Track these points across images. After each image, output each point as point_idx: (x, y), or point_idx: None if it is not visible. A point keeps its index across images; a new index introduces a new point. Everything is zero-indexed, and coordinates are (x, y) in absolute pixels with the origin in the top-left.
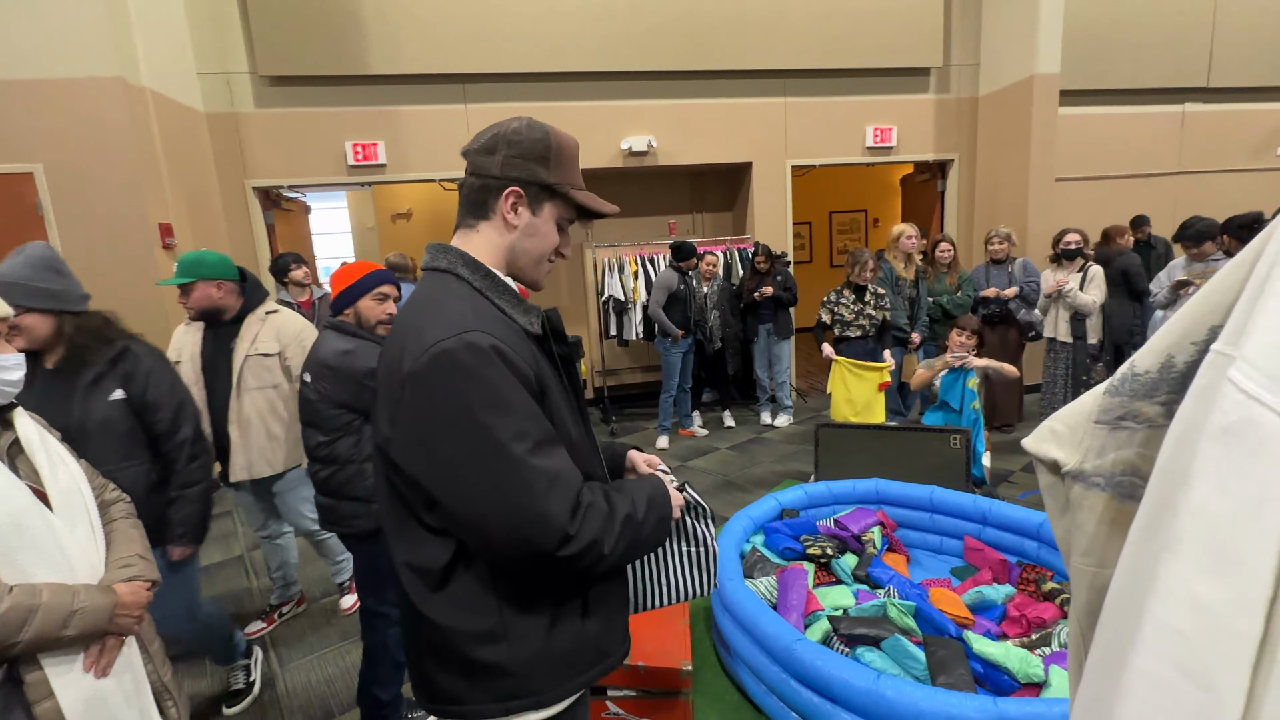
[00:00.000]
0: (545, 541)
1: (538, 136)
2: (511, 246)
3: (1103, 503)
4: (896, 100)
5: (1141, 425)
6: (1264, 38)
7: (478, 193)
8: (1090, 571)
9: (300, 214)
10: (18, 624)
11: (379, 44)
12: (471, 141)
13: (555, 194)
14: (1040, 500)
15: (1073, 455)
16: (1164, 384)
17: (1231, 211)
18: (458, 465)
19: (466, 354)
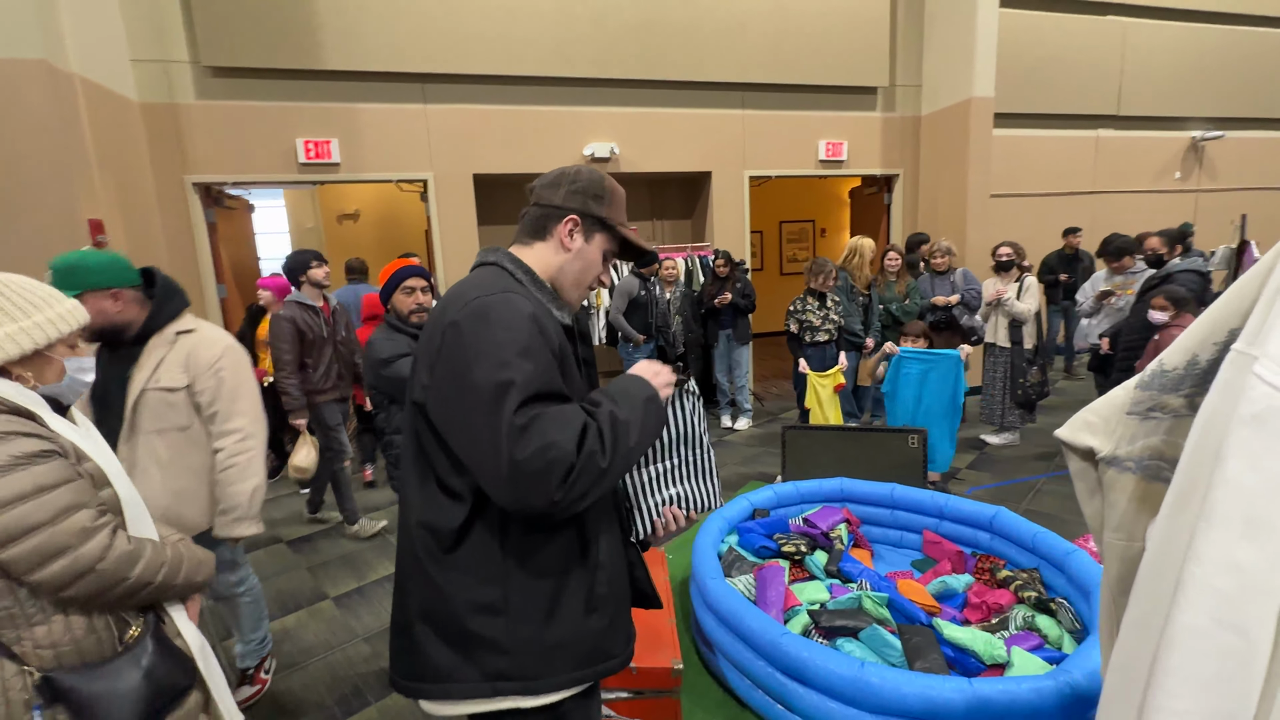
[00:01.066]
0: (547, 481)
1: (596, 178)
2: (561, 266)
3: (1133, 483)
4: (847, 116)
5: (1167, 415)
6: (1165, 73)
7: (539, 219)
8: (1121, 545)
9: (243, 212)
10: (177, 565)
11: (334, 38)
12: (540, 180)
13: (606, 227)
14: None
15: (1107, 443)
16: (1188, 379)
17: (1139, 227)
18: (471, 407)
19: (504, 306)
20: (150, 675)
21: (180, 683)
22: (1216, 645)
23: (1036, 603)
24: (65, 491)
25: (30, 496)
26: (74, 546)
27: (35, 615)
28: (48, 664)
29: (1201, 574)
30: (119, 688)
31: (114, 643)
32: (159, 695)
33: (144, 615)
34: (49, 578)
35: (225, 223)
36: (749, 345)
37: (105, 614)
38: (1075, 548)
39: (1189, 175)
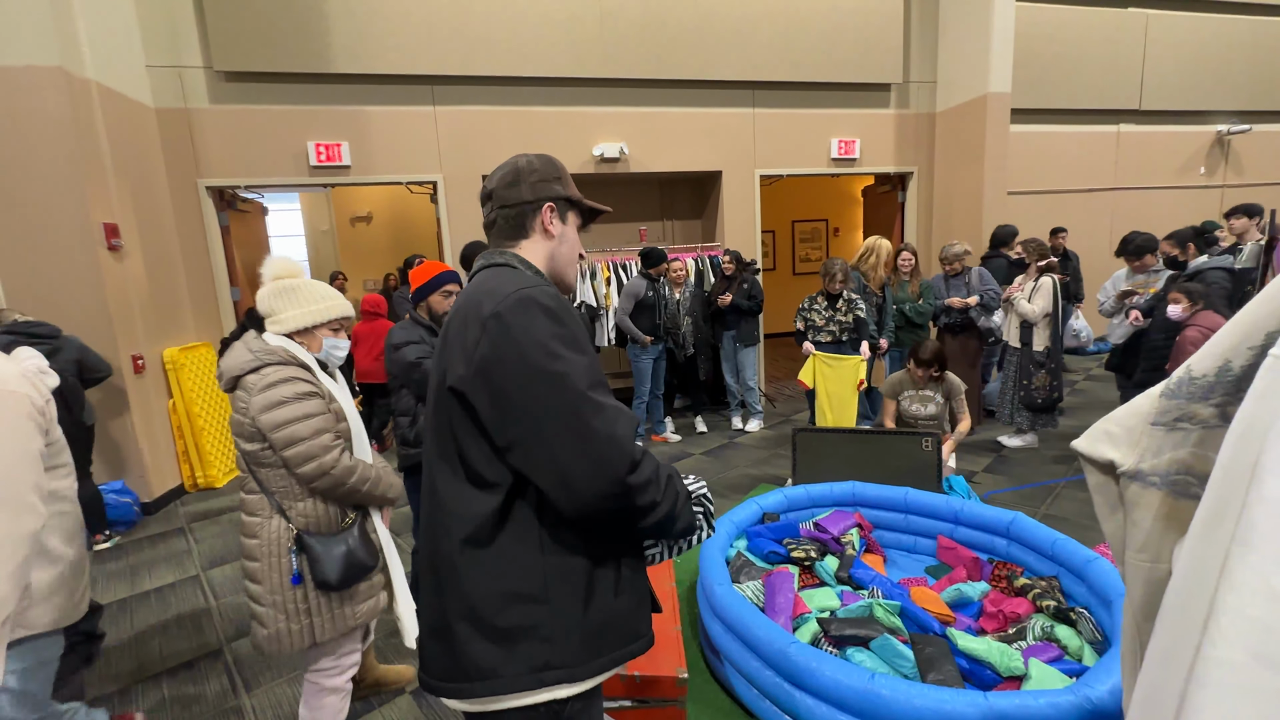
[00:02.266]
0: (618, 464)
1: (547, 162)
2: (552, 254)
3: (1159, 500)
4: (859, 114)
5: (1196, 426)
6: (1187, 66)
7: (514, 219)
8: (1146, 567)
9: (256, 215)
10: (377, 483)
11: (344, 42)
12: (488, 182)
13: (572, 204)
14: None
15: (1129, 456)
16: (1219, 387)
17: (1162, 225)
18: (534, 395)
19: (547, 298)
20: (350, 550)
21: (367, 562)
22: (1254, 683)
23: (1055, 612)
24: (320, 420)
25: (301, 420)
26: (319, 456)
27: (298, 495)
28: (300, 526)
29: (1237, 603)
30: (333, 551)
31: (336, 524)
32: (353, 565)
33: (356, 511)
34: (304, 474)
35: (239, 226)
36: (757, 346)
37: (334, 504)
38: (1096, 555)
39: (1214, 170)
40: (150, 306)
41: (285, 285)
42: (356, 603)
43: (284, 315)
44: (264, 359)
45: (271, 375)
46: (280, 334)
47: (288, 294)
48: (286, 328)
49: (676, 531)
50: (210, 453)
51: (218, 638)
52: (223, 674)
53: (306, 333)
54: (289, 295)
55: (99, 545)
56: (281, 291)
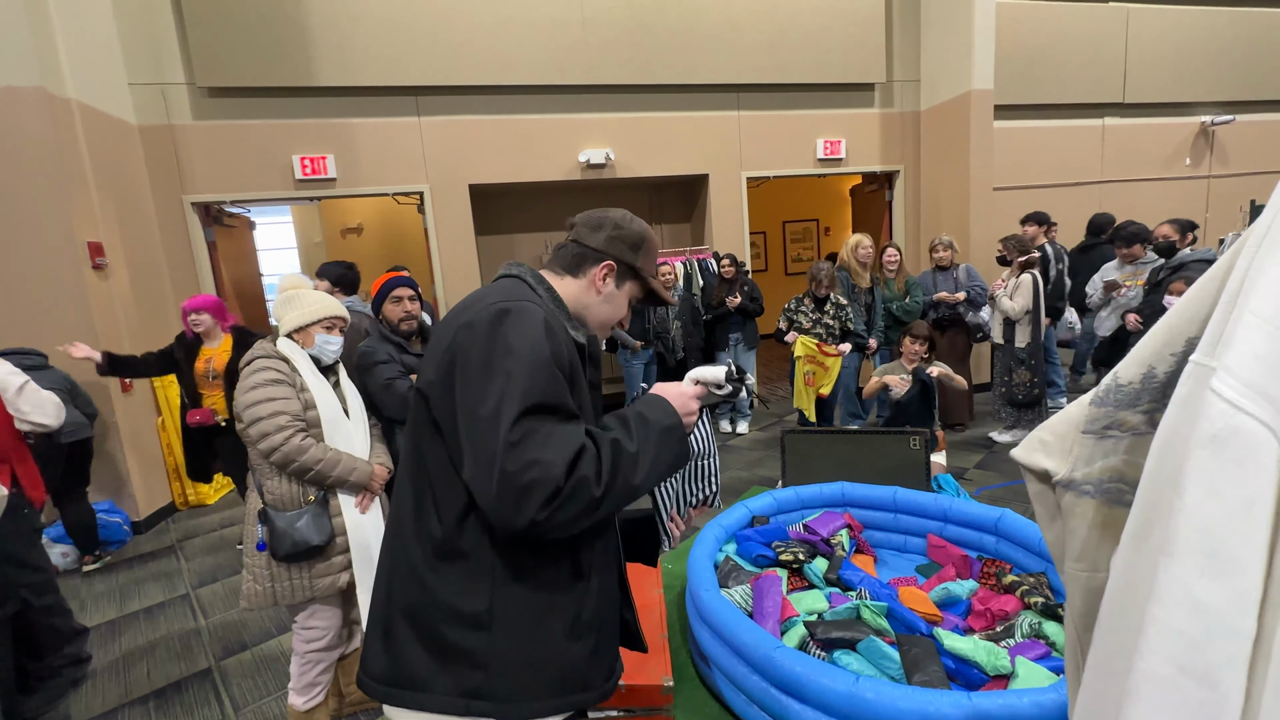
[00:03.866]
0: (527, 502)
1: (638, 229)
2: (589, 306)
3: (1093, 509)
4: (844, 114)
5: (1126, 434)
6: (1170, 58)
7: (576, 257)
8: (1084, 576)
9: (244, 230)
10: (332, 465)
11: (326, 54)
12: (582, 217)
13: (638, 277)
14: (994, 494)
15: (1062, 464)
16: (1146, 393)
17: (1150, 216)
18: (480, 394)
19: (521, 314)
20: (297, 528)
21: (311, 540)
22: (1182, 697)
23: (1044, 608)
24: (281, 404)
25: (263, 401)
26: (270, 433)
27: (269, 473)
28: (270, 501)
29: (1162, 615)
30: (283, 526)
31: (299, 502)
32: (297, 541)
33: (320, 492)
34: (261, 449)
35: (226, 241)
36: (755, 349)
37: (296, 483)
38: None
39: (1200, 161)
40: (137, 324)
41: (288, 295)
42: (315, 576)
43: (285, 319)
44: (255, 354)
45: (255, 366)
46: (284, 334)
47: (288, 302)
48: (286, 328)
49: (647, 487)
50: None
51: (207, 658)
52: (211, 695)
53: (301, 332)
54: (288, 303)
55: (87, 567)
56: (284, 301)
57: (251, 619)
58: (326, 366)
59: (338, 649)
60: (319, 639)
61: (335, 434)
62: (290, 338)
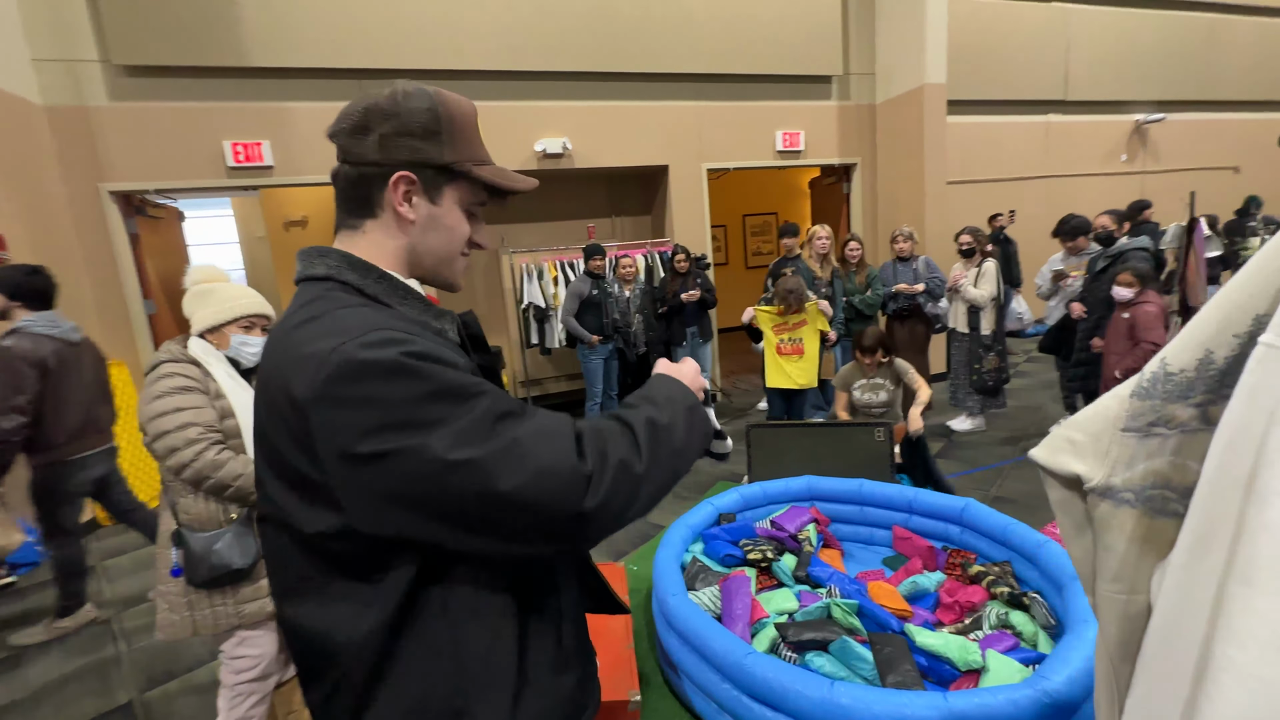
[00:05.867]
0: (569, 498)
1: (421, 105)
2: (411, 247)
3: (1133, 520)
4: (803, 106)
5: (1174, 431)
6: (1107, 58)
7: (356, 185)
8: (1121, 600)
9: (172, 222)
10: (248, 476)
11: (260, 32)
12: (338, 119)
13: (455, 175)
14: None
15: (1097, 468)
16: (1201, 383)
17: (1091, 209)
18: (430, 476)
19: (379, 351)
20: (217, 550)
21: (234, 563)
22: None
23: (1009, 598)
24: (191, 414)
25: (171, 413)
26: (180, 448)
27: (181, 491)
28: (184, 522)
29: (1242, 659)
30: (201, 550)
31: (219, 521)
32: (216, 564)
33: (243, 509)
34: (169, 466)
35: (151, 233)
36: (712, 340)
37: (214, 500)
38: (1046, 539)
39: (1134, 157)
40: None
41: (199, 290)
42: (241, 601)
43: (196, 317)
44: (160, 358)
45: (159, 371)
46: (195, 335)
47: (200, 297)
48: (197, 328)
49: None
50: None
51: (128, 690)
52: None
53: (216, 331)
54: (201, 298)
55: None
56: (195, 296)
57: (182, 643)
58: (248, 369)
59: (273, 677)
60: (250, 669)
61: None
62: (203, 338)
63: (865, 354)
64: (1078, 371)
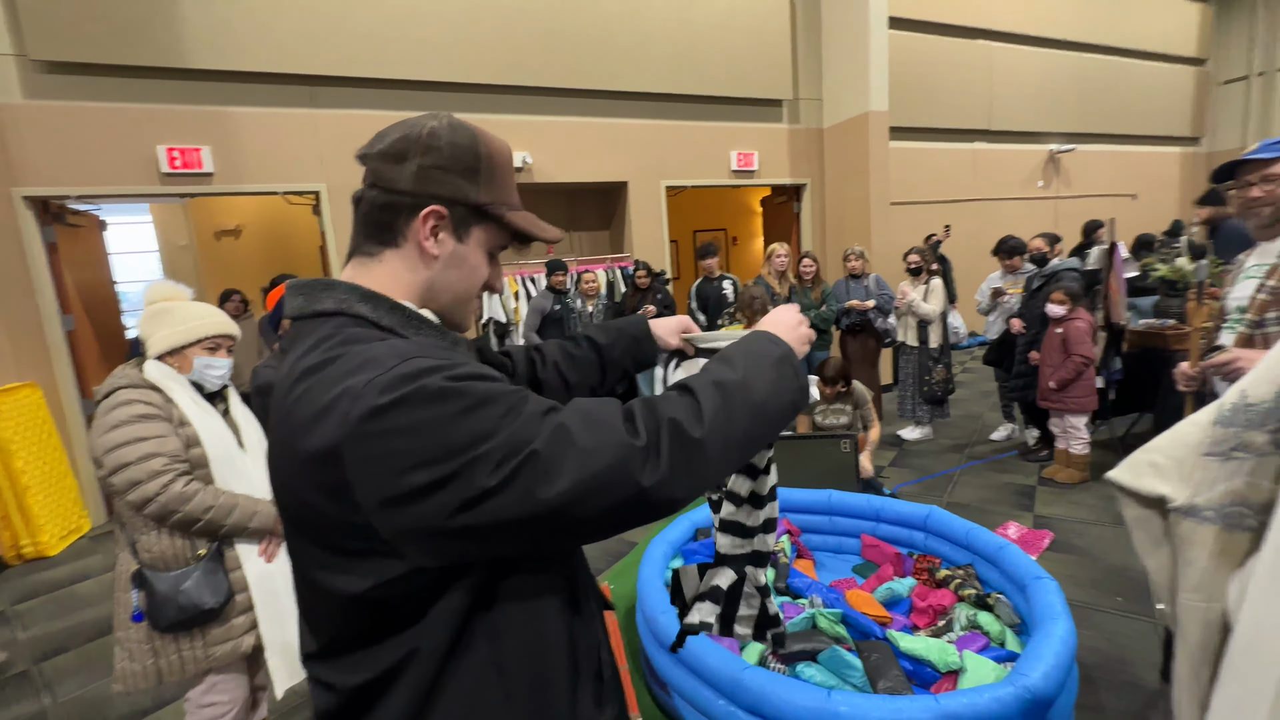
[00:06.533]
0: (625, 476)
1: (463, 142)
2: (430, 282)
3: (1213, 535)
4: (756, 128)
5: (1251, 455)
6: (1026, 92)
7: (382, 211)
8: (1201, 608)
9: (93, 230)
10: (226, 511)
11: (203, 34)
12: (372, 142)
13: (487, 217)
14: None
15: (1181, 489)
16: (1276, 413)
17: (1014, 232)
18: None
19: (418, 380)
20: (184, 591)
21: (204, 602)
22: None
23: (976, 600)
24: (154, 444)
25: (131, 443)
26: (143, 481)
27: (142, 527)
28: (146, 561)
29: None
30: (167, 589)
31: (186, 558)
32: (185, 605)
33: (213, 544)
34: (131, 501)
35: (70, 243)
36: None
37: (180, 536)
38: (1006, 542)
39: (1050, 184)
40: None
41: (157, 309)
42: (210, 644)
43: (153, 338)
44: (116, 384)
45: (115, 399)
46: (153, 358)
47: (157, 317)
48: (155, 350)
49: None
50: (40, 515)
51: None
52: None
53: (177, 354)
54: (158, 318)
55: None
56: (152, 315)
57: (121, 695)
58: (213, 392)
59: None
60: (222, 715)
61: (229, 472)
62: (162, 360)
63: (828, 384)
64: (1018, 382)
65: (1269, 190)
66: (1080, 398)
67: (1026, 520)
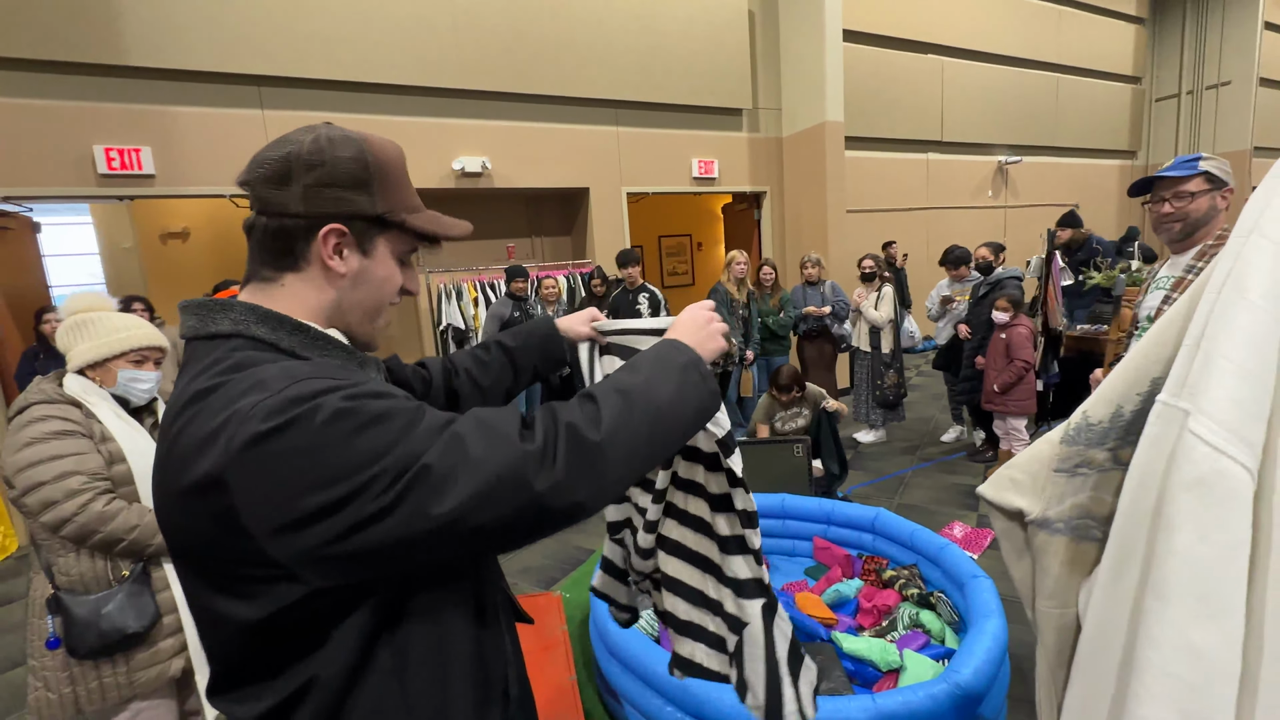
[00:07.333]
0: (518, 481)
1: (348, 154)
2: (337, 302)
3: (1064, 546)
4: (716, 136)
5: (1093, 471)
6: (975, 105)
7: (276, 238)
8: (1055, 614)
9: (23, 231)
10: (153, 531)
11: (144, 30)
12: (250, 167)
13: (389, 225)
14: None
15: (1035, 503)
16: (1113, 432)
17: (965, 239)
18: (389, 506)
19: (310, 402)
20: (107, 614)
21: (128, 626)
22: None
23: (919, 599)
24: (71, 461)
25: (46, 461)
26: (58, 501)
27: (59, 549)
28: (64, 585)
29: (1159, 660)
30: (87, 615)
31: (108, 580)
32: (107, 631)
33: (136, 564)
34: (45, 522)
35: (0, 245)
36: None
37: (102, 558)
38: (948, 542)
39: (999, 193)
40: None
41: (78, 320)
42: (135, 669)
43: (74, 351)
44: (30, 399)
45: (30, 415)
46: (73, 371)
47: (79, 329)
48: (75, 364)
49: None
50: None
51: None
52: None
53: (99, 367)
54: (79, 330)
55: None
56: (73, 327)
57: None
58: (140, 406)
59: None
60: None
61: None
62: (83, 374)
63: (782, 392)
64: (965, 386)
65: (1179, 207)
66: (1021, 400)
67: (971, 520)
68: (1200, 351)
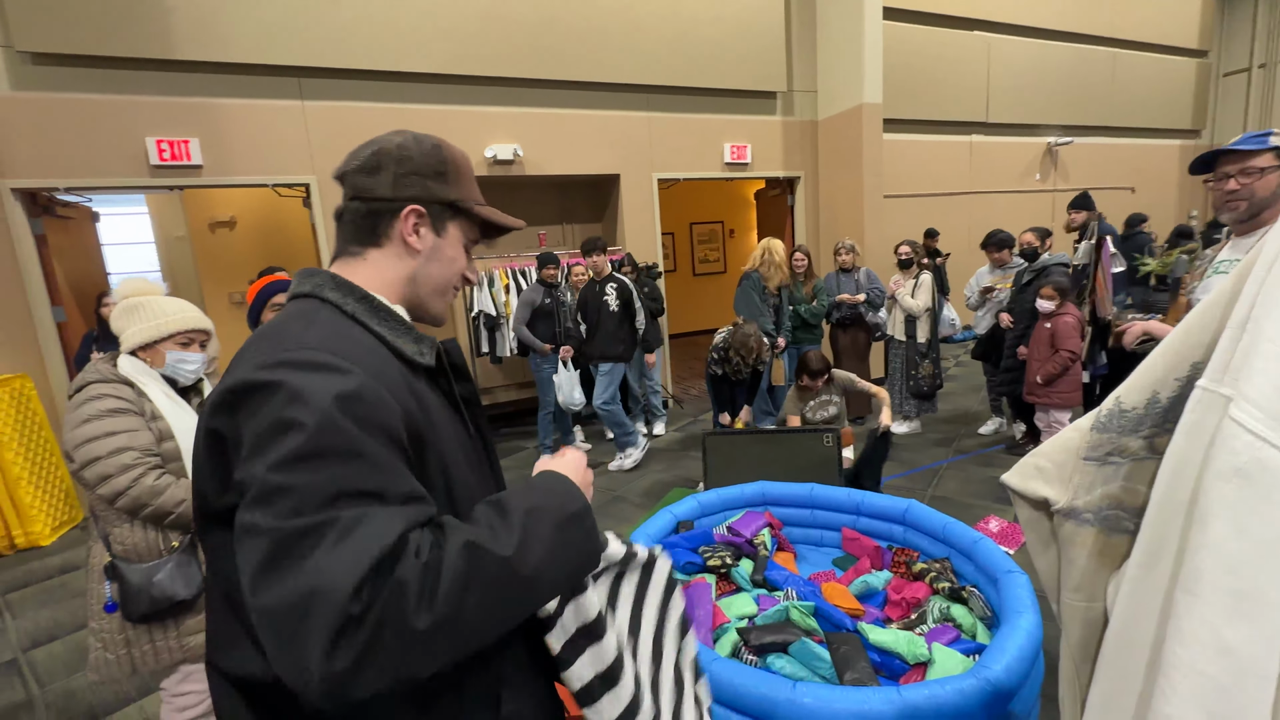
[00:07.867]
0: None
1: (428, 150)
2: (414, 274)
3: (1093, 537)
4: (749, 120)
5: (1126, 459)
6: (1024, 84)
7: (365, 218)
8: (1082, 607)
9: (84, 222)
10: (175, 502)
11: (190, 25)
12: (346, 161)
13: (459, 212)
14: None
15: (1063, 493)
16: (1148, 419)
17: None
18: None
19: (289, 384)
20: (157, 582)
21: (178, 594)
22: None
23: (950, 593)
24: (125, 438)
25: (101, 437)
26: (113, 475)
27: (115, 520)
28: (119, 553)
29: (1188, 657)
30: (140, 582)
31: (159, 550)
32: (158, 598)
33: (185, 535)
34: (102, 495)
35: (60, 234)
36: (661, 348)
37: (154, 529)
38: (981, 535)
39: (1047, 176)
40: None
41: (129, 304)
42: (185, 634)
43: (126, 334)
44: (88, 378)
45: (87, 393)
46: (126, 352)
47: (130, 312)
48: (128, 345)
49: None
50: (32, 506)
51: None
52: None
53: (150, 349)
54: (131, 314)
55: None
56: (125, 311)
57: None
58: (188, 386)
59: None
60: (195, 705)
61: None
62: (135, 355)
63: (813, 378)
64: (1006, 377)
65: (1246, 184)
66: (1066, 393)
67: (1008, 514)
68: (1245, 334)
